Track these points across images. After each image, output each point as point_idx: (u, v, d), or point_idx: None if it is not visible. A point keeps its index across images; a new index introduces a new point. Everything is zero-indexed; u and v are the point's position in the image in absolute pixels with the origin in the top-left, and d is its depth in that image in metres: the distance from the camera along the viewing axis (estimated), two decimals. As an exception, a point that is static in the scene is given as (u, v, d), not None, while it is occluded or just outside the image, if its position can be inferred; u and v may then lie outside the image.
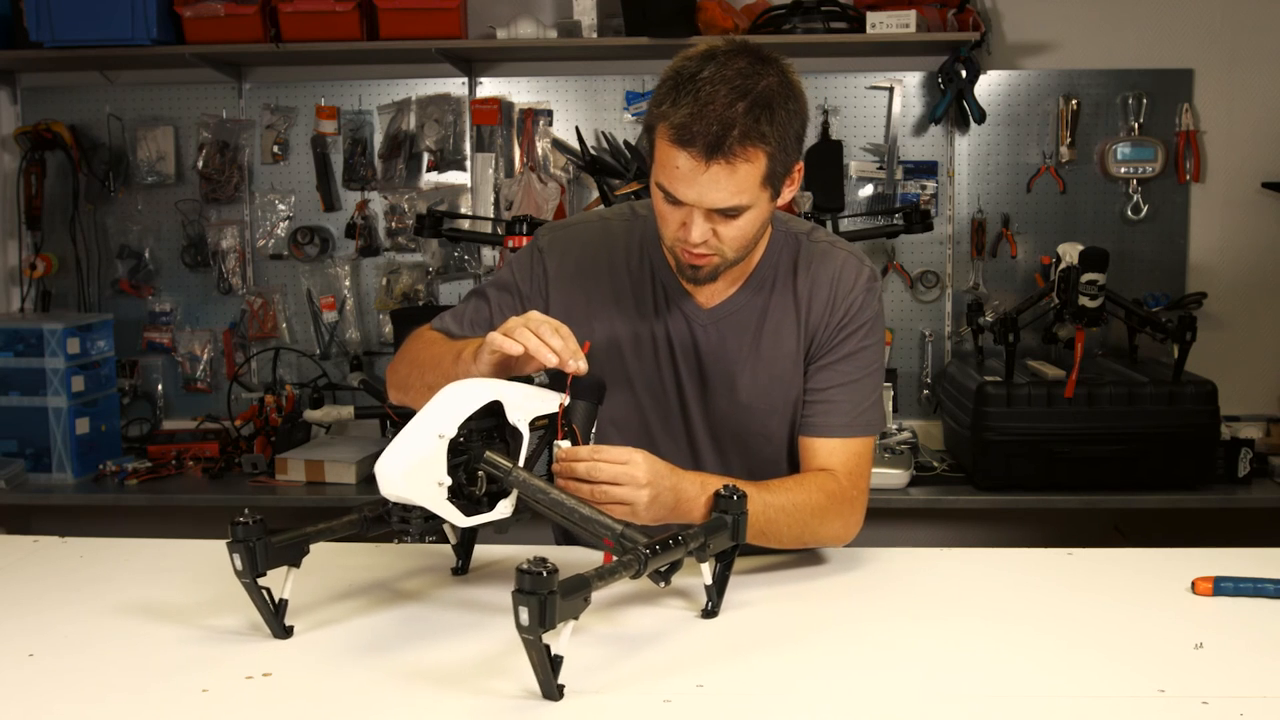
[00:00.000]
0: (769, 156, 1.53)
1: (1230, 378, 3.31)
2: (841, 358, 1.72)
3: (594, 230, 1.81)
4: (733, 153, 1.50)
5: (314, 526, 1.49)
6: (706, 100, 1.49)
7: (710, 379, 1.74)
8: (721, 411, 1.75)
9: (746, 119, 1.50)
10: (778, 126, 1.53)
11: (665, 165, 1.54)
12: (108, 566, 1.75)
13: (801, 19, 3.44)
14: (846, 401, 1.72)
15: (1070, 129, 3.61)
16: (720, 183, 1.52)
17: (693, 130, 1.50)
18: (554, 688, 1.25)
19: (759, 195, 1.56)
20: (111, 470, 3.43)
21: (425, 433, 1.37)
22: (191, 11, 3.47)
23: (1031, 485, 3.16)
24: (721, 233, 1.58)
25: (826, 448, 1.72)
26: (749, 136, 1.50)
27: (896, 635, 1.46)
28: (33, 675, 1.36)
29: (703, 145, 1.50)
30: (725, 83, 1.50)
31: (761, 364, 1.73)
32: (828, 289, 1.72)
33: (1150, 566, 1.71)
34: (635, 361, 1.75)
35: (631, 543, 1.37)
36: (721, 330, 1.74)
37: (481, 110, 3.71)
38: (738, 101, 1.50)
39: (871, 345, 1.74)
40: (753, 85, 1.51)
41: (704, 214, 1.56)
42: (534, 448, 1.51)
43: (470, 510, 1.43)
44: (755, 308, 1.74)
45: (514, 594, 1.18)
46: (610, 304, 1.76)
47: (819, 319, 1.72)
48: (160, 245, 3.84)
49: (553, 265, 1.78)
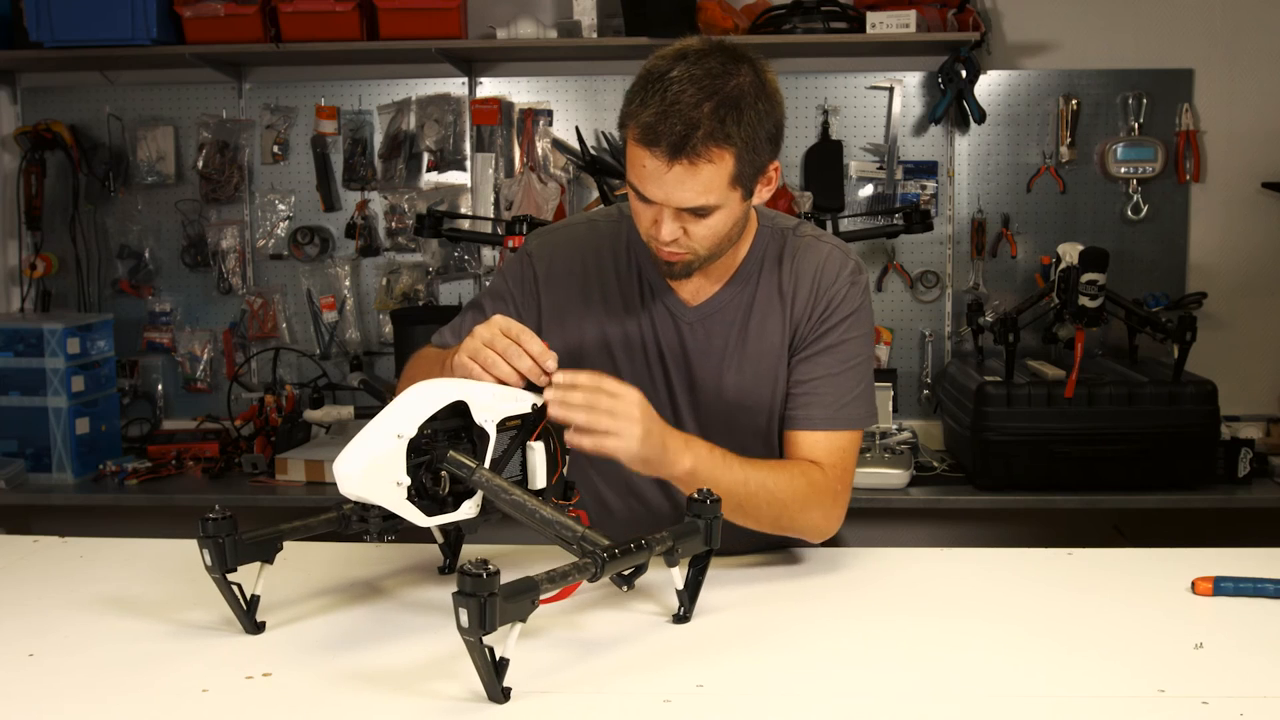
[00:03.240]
0: (735, 157, 1.54)
1: (1230, 378, 3.31)
2: (824, 349, 1.72)
3: (581, 232, 1.83)
4: (696, 153, 1.51)
5: (288, 524, 1.50)
6: (673, 100, 1.50)
7: (698, 375, 1.75)
8: (710, 407, 1.76)
9: (712, 120, 1.51)
10: (745, 127, 1.53)
11: (634, 164, 1.56)
12: (108, 566, 1.75)
13: (801, 19, 3.44)
14: (829, 394, 1.71)
15: (1070, 129, 3.61)
16: (685, 183, 1.53)
17: (658, 130, 1.51)
18: (499, 690, 1.24)
19: (728, 195, 1.57)
20: (111, 470, 3.43)
21: (384, 432, 1.37)
22: (191, 11, 3.47)
23: (1031, 485, 3.16)
24: (692, 231, 1.60)
25: (809, 440, 1.72)
26: (713, 137, 1.51)
27: (896, 635, 1.46)
28: (33, 675, 1.36)
29: (667, 145, 1.51)
30: (693, 82, 1.51)
31: (748, 359, 1.74)
32: (811, 280, 1.73)
33: (1150, 566, 1.71)
34: (625, 360, 1.76)
35: (592, 545, 1.36)
36: (708, 327, 1.75)
37: (481, 110, 3.71)
38: (704, 102, 1.50)
39: (856, 338, 1.73)
40: (722, 85, 1.52)
41: (673, 212, 1.58)
42: (504, 449, 1.51)
43: (433, 510, 1.43)
44: (740, 303, 1.74)
45: (454, 595, 1.18)
46: (599, 304, 1.77)
47: (802, 310, 1.73)
48: (160, 245, 3.84)
49: (542, 269, 1.79)
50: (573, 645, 1.42)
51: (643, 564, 1.40)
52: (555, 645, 1.42)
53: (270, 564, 1.48)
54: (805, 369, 1.73)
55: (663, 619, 1.50)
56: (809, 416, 1.72)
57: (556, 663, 1.37)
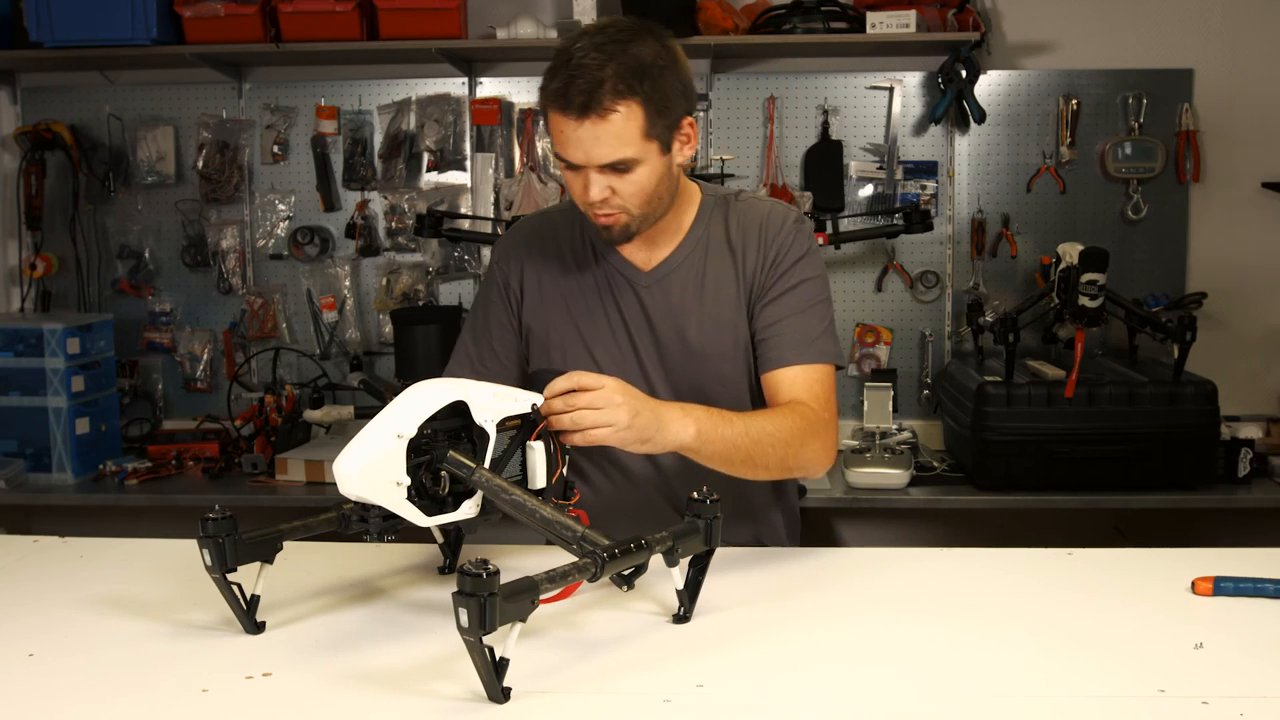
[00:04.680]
0: (643, 108, 1.63)
1: (1230, 378, 3.31)
2: (783, 293, 1.80)
3: (534, 224, 1.94)
4: (603, 105, 1.61)
5: (288, 524, 1.51)
6: (578, 65, 1.61)
7: (661, 334, 1.82)
8: (677, 364, 1.82)
9: (615, 78, 1.61)
10: (650, 81, 1.63)
11: (554, 134, 1.67)
12: (108, 566, 1.76)
13: (801, 19, 3.44)
14: (796, 332, 1.78)
15: (1070, 129, 3.61)
16: (600, 138, 1.62)
17: (567, 94, 1.61)
18: (498, 690, 1.24)
19: (645, 147, 1.65)
20: (111, 470, 3.43)
21: (384, 432, 1.38)
22: (191, 11, 3.47)
23: (1031, 485, 3.16)
24: (618, 188, 1.68)
25: (787, 377, 1.78)
26: (617, 90, 1.61)
27: (896, 635, 1.46)
28: (33, 675, 1.36)
29: (577, 106, 1.61)
30: (597, 49, 1.62)
31: (706, 312, 1.81)
32: (757, 233, 1.81)
33: (1150, 566, 1.71)
34: (592, 335, 1.83)
35: (592, 545, 1.36)
36: (665, 287, 1.82)
37: (481, 110, 3.71)
38: (607, 64, 1.61)
39: (811, 279, 1.81)
40: (622, 50, 1.63)
41: (597, 172, 1.66)
42: (504, 449, 1.51)
43: (432, 510, 1.43)
44: (694, 264, 1.82)
45: (454, 595, 1.18)
46: (560, 286, 1.86)
47: (754, 263, 1.81)
48: (160, 245, 3.84)
49: (510, 269, 1.90)
50: (573, 645, 1.42)
51: (643, 564, 1.41)
52: (555, 645, 1.42)
53: (270, 564, 1.48)
54: (769, 313, 1.80)
55: (663, 619, 1.50)
56: (781, 356, 1.78)
57: (556, 663, 1.37)
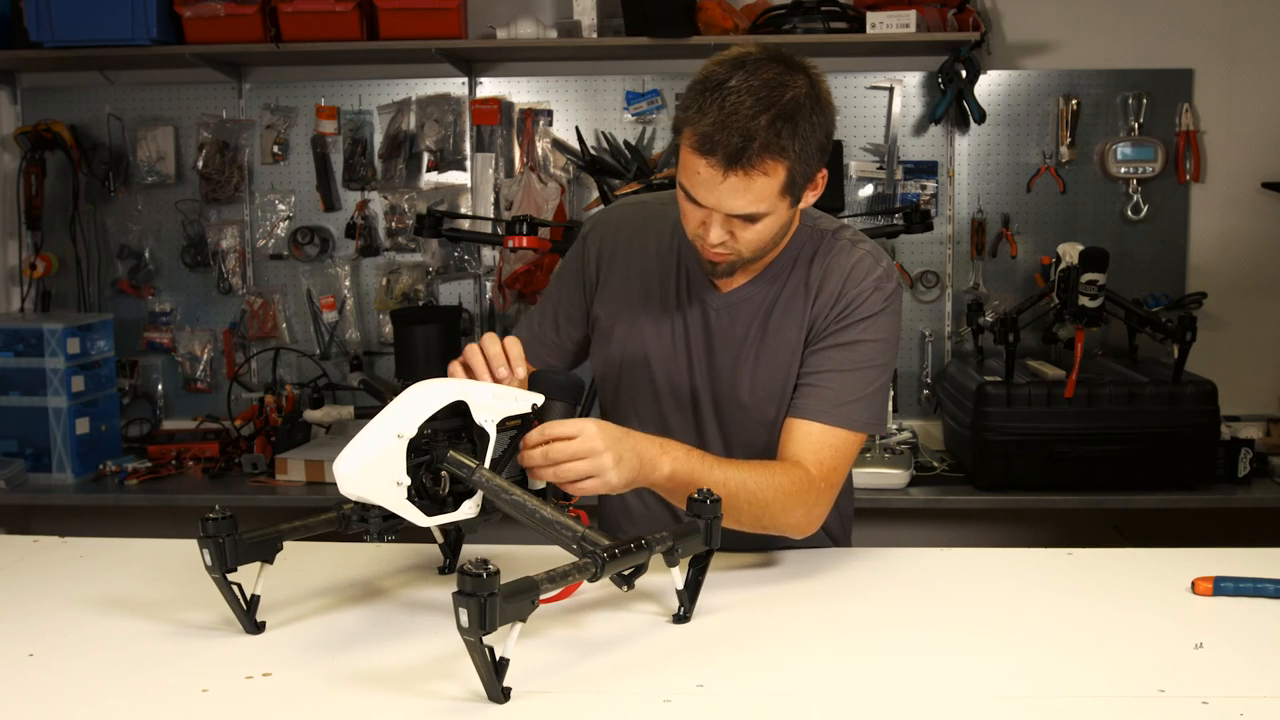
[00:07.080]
0: (788, 169, 1.56)
1: (1230, 378, 3.31)
2: (836, 345, 1.72)
3: (631, 211, 1.89)
4: (751, 165, 1.53)
5: (288, 524, 1.50)
6: (731, 110, 1.52)
7: (717, 362, 1.78)
8: (722, 393, 1.78)
9: (768, 132, 1.52)
10: (800, 139, 1.55)
11: (687, 169, 1.58)
12: (108, 566, 1.76)
13: (801, 19, 3.44)
14: (832, 389, 1.70)
15: (1070, 129, 3.61)
16: (738, 192, 1.55)
17: (714, 140, 1.52)
18: (498, 690, 1.24)
19: (778, 204, 1.60)
20: (111, 470, 3.43)
21: (384, 432, 1.38)
22: (191, 11, 3.47)
23: (1031, 485, 3.16)
24: (739, 235, 1.62)
25: (803, 430, 1.70)
26: (769, 149, 1.53)
27: (896, 635, 1.46)
28: (33, 675, 1.36)
29: (723, 155, 1.53)
30: (751, 93, 1.52)
31: (766, 350, 1.76)
32: (837, 280, 1.74)
33: (1150, 567, 1.71)
34: (655, 340, 1.80)
35: (592, 545, 1.36)
36: (733, 314, 1.77)
37: (481, 110, 3.71)
38: (761, 114, 1.52)
39: (871, 341, 1.72)
40: (779, 96, 1.53)
41: (722, 218, 1.60)
42: (504, 448, 1.51)
43: (433, 510, 1.43)
44: (768, 295, 1.77)
45: (454, 595, 1.18)
46: (638, 284, 1.82)
47: (823, 306, 1.74)
48: (160, 245, 3.84)
49: (594, 248, 1.87)
50: (573, 645, 1.42)
51: (643, 564, 1.41)
52: (555, 645, 1.42)
53: (270, 564, 1.48)
54: (815, 361, 1.73)
55: (663, 619, 1.50)
56: (806, 406, 1.71)
57: (556, 663, 1.37)
